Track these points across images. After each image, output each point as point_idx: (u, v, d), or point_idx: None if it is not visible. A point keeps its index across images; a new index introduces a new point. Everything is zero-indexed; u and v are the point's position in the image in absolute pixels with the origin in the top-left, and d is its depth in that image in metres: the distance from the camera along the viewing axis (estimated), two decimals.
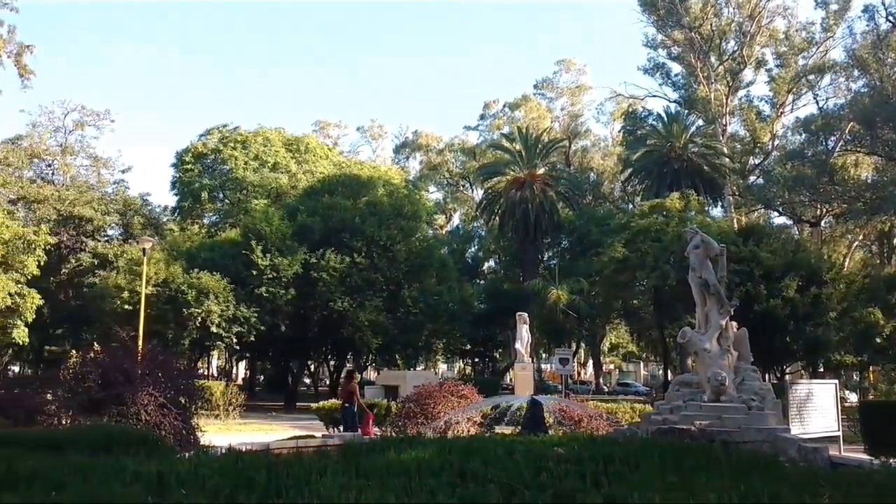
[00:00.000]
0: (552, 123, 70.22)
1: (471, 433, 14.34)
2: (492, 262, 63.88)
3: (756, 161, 56.40)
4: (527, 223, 47.49)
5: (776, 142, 55.73)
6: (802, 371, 39.07)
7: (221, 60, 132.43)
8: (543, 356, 55.45)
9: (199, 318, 32.66)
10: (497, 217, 51.69)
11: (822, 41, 53.53)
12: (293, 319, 37.27)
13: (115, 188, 48.34)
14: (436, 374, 40.82)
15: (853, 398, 35.64)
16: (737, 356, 10.42)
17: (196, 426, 14.75)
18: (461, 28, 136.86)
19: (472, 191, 72.45)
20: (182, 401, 14.51)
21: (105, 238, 44.27)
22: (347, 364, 46.06)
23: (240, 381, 57.64)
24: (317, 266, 36.00)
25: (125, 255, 35.98)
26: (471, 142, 73.79)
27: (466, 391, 18.27)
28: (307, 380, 57.91)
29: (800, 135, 49.95)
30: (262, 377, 60.11)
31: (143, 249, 28.44)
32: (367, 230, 37.89)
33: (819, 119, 45.59)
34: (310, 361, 50.90)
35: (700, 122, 53.23)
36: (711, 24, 53.70)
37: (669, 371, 43.30)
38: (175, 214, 48.88)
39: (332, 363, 49.51)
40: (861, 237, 50.81)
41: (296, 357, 45.52)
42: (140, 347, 20.70)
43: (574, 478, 5.89)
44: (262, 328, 35.07)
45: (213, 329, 33.07)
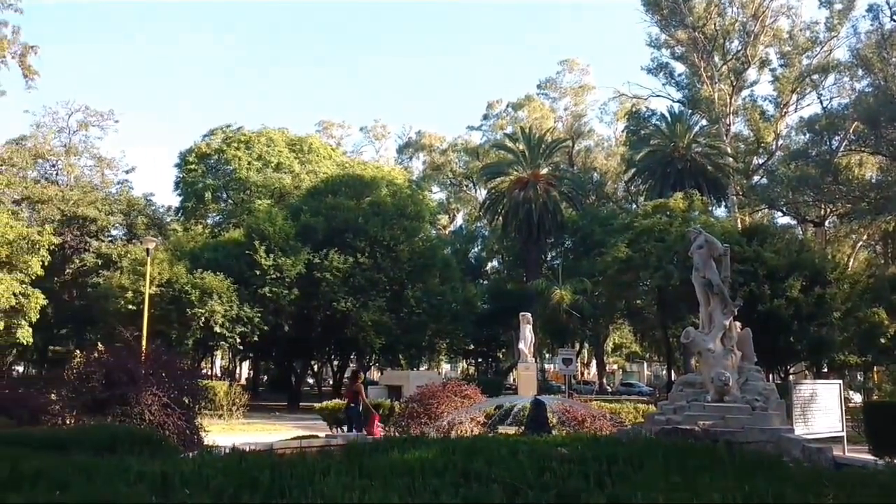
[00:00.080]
0: (555, 123, 70.22)
1: (474, 433, 14.32)
2: (495, 262, 63.89)
3: (760, 161, 56.29)
4: (530, 223, 47.50)
5: (780, 141, 55.62)
6: (806, 371, 38.99)
7: (224, 60, 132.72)
8: (547, 356, 55.41)
9: (203, 319, 32.69)
10: (500, 217, 51.70)
11: (827, 41, 53.42)
12: (296, 319, 37.29)
13: (119, 188, 48.51)
14: (439, 375, 40.91)
15: (857, 398, 35.56)
16: (740, 356, 10.41)
17: (200, 426, 14.74)
18: (464, 28, 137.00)
19: (476, 191, 72.45)
20: (186, 401, 14.52)
21: (109, 238, 44.36)
22: (351, 364, 46.09)
23: (243, 381, 57.60)
24: (320, 266, 36.02)
25: (129, 256, 36.03)
26: (474, 142, 73.85)
27: (470, 391, 18.24)
28: (310, 380, 57.88)
29: (804, 134, 49.79)
30: (266, 377, 60.17)
31: (147, 249, 28.48)
32: (371, 230, 37.92)
33: (823, 119, 45.48)
34: (313, 361, 50.93)
35: (704, 122, 53.20)
36: (715, 24, 53.61)
37: (673, 371, 43.21)
38: (179, 215, 48.94)
39: (336, 363, 49.57)
40: (865, 237, 50.68)
41: (299, 357, 45.56)
42: (144, 347, 20.69)
43: (578, 478, 5.89)
44: (266, 328, 35.09)
45: (217, 329, 33.10)
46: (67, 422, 13.92)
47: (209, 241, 38.94)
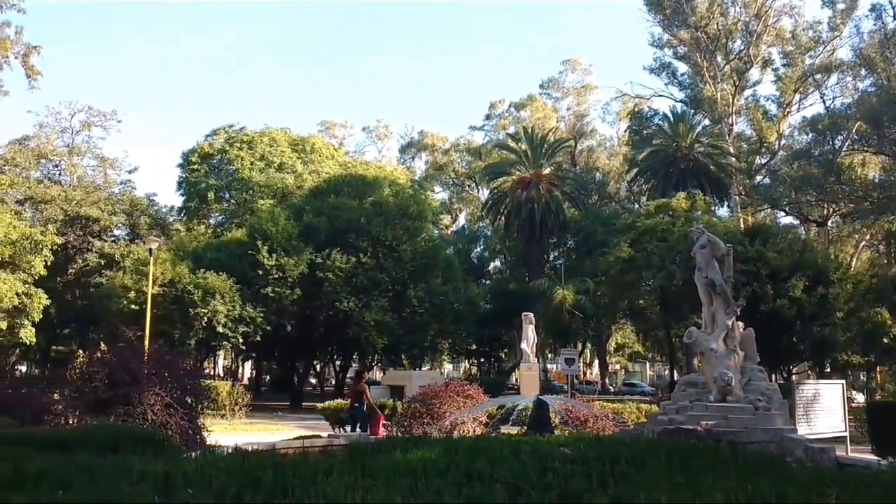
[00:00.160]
0: (558, 123, 70.20)
1: (476, 433, 14.32)
2: (497, 262, 63.88)
3: (762, 161, 56.17)
4: (532, 223, 47.50)
5: (783, 141, 55.48)
6: (809, 371, 38.92)
7: (227, 60, 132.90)
8: (549, 356, 55.41)
9: (206, 318, 32.73)
10: (503, 217, 51.71)
11: (829, 40, 53.28)
12: (299, 319, 37.32)
13: (122, 188, 48.66)
14: (441, 375, 40.88)
15: (860, 398, 35.49)
16: (743, 356, 10.39)
17: (202, 426, 14.76)
18: (467, 28, 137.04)
19: (478, 191, 72.47)
20: (188, 401, 14.53)
21: (112, 238, 44.45)
22: (354, 364, 46.09)
23: (246, 381, 57.70)
24: (322, 266, 36.04)
25: (132, 256, 36.12)
26: (476, 142, 73.85)
27: (472, 391, 18.25)
28: (313, 380, 57.93)
29: (806, 134, 49.62)
30: (268, 377, 60.24)
31: (150, 249, 28.51)
32: (373, 230, 37.94)
33: (826, 118, 45.33)
34: (315, 361, 50.96)
35: (706, 122, 53.10)
36: (718, 24, 53.54)
37: (675, 371, 43.19)
38: (181, 215, 49.00)
39: (338, 363, 49.59)
40: (868, 237, 50.54)
41: (301, 357, 45.60)
42: (146, 347, 20.71)
43: (580, 478, 5.89)
44: (268, 328, 35.12)
45: (220, 329, 33.14)
46: (70, 422, 13.93)
47: (212, 241, 38.97)
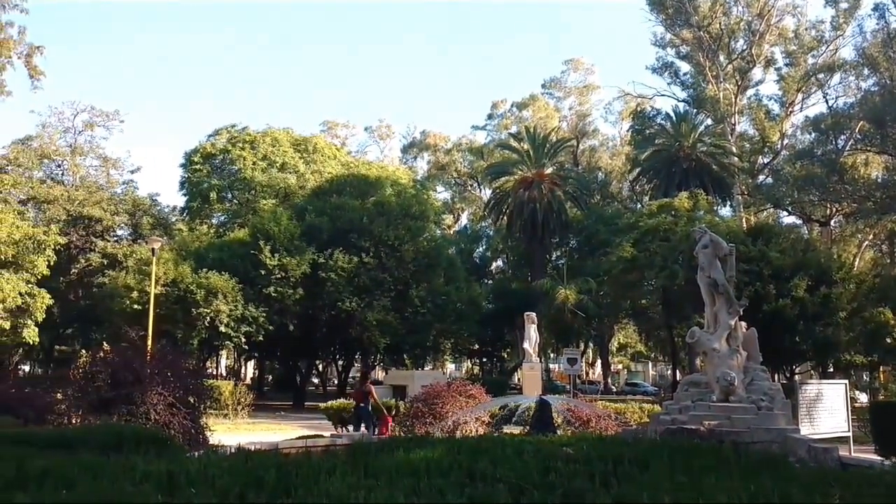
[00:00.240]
0: (560, 123, 70.14)
1: (479, 433, 14.33)
2: (500, 262, 63.86)
3: (765, 160, 56.12)
4: (535, 223, 47.46)
5: (785, 141, 55.43)
6: (812, 371, 38.87)
7: (229, 61, 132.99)
8: (551, 356, 55.38)
9: (208, 318, 32.77)
10: (505, 217, 51.67)
11: (832, 40, 53.21)
12: (301, 319, 37.33)
13: (125, 188, 48.73)
14: (444, 374, 40.85)
15: (863, 398, 35.46)
16: (746, 356, 10.38)
17: (205, 425, 14.81)
18: (469, 27, 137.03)
19: (480, 190, 72.44)
20: (191, 400, 14.57)
21: (114, 238, 44.52)
22: (356, 364, 46.13)
23: (248, 381, 57.81)
24: (325, 266, 36.05)
25: (134, 255, 36.17)
26: (478, 141, 73.82)
27: (474, 391, 18.27)
28: (315, 379, 58.00)
29: (809, 134, 49.60)
30: (271, 377, 60.30)
31: (153, 249, 28.53)
32: (375, 230, 37.94)
33: (829, 118, 45.31)
34: (318, 361, 51.01)
35: (709, 122, 53.01)
36: (720, 23, 53.46)
37: (678, 371, 43.19)
38: (184, 214, 49.05)
39: (341, 363, 49.61)
40: (871, 237, 50.50)
41: (304, 357, 45.63)
42: (149, 347, 20.79)
43: (583, 478, 5.89)
44: (271, 328, 35.14)
45: (222, 329, 33.17)
46: (73, 421, 13.97)
47: (214, 241, 39.00)
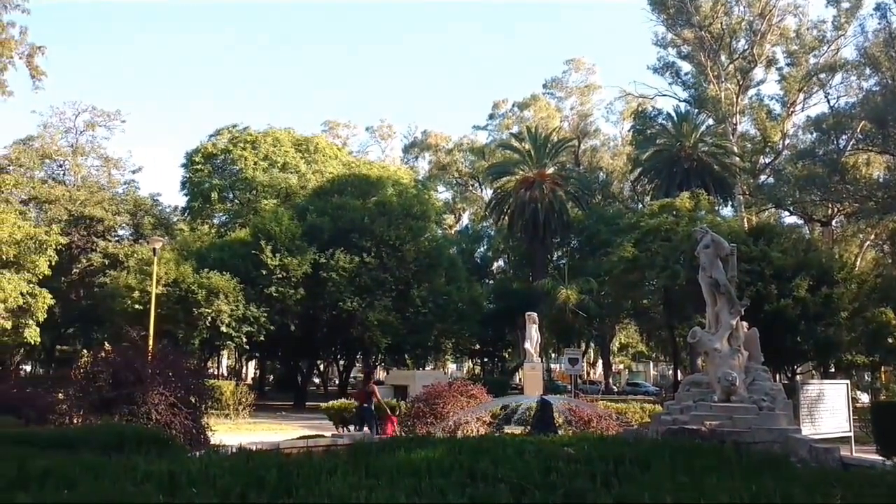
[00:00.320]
0: (561, 123, 70.12)
1: (480, 433, 14.33)
2: (501, 262, 63.87)
3: (767, 160, 56.09)
4: (536, 223, 47.45)
5: (787, 141, 55.41)
6: (813, 371, 38.84)
7: (230, 60, 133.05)
8: (553, 356, 55.33)
9: (209, 318, 32.78)
10: (506, 217, 51.66)
11: (834, 39, 53.19)
12: (302, 319, 37.34)
13: (126, 188, 48.70)
14: (445, 374, 40.89)
15: (865, 398, 35.45)
16: (747, 356, 10.37)
17: (206, 425, 14.81)
18: (470, 27, 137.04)
19: (482, 190, 72.44)
20: (192, 400, 14.58)
21: (116, 238, 44.54)
22: (357, 363, 46.13)
23: (249, 381, 57.85)
24: (326, 266, 36.06)
25: (136, 255, 36.17)
26: (480, 141, 73.80)
27: (476, 391, 18.28)
28: (316, 379, 58.03)
29: (811, 134, 49.60)
30: (272, 377, 60.30)
31: (154, 249, 28.55)
32: (377, 230, 37.93)
33: (830, 118, 45.28)
34: (319, 361, 51.03)
35: (710, 122, 52.97)
36: (721, 23, 53.42)
37: (679, 371, 43.18)
38: (185, 214, 49.06)
39: (342, 363, 49.62)
40: (873, 236, 50.43)
41: (305, 357, 45.64)
42: (150, 347, 20.82)
43: (584, 478, 5.89)
44: (272, 328, 35.15)
45: (223, 329, 33.19)
46: (75, 421, 13.99)
47: (215, 241, 39.01)
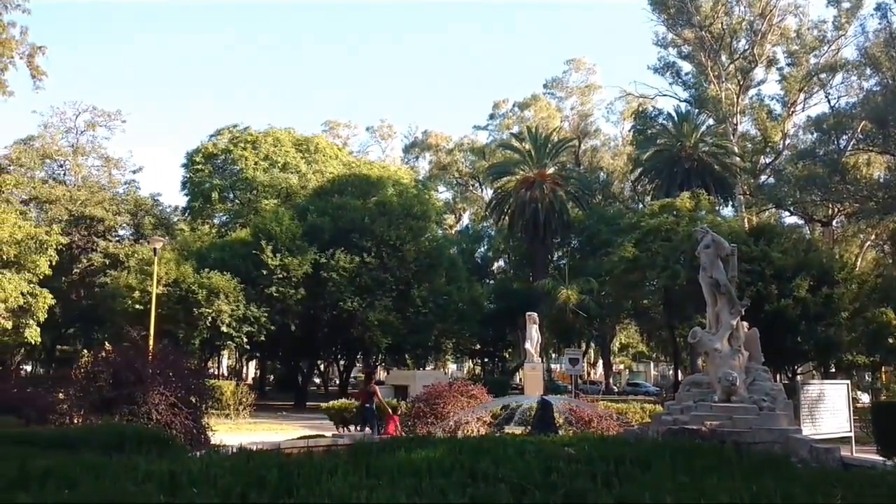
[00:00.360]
0: (562, 123, 70.11)
1: (481, 433, 14.34)
2: (501, 262, 63.87)
3: (767, 160, 56.09)
4: (536, 223, 47.43)
5: (787, 141, 55.42)
6: (814, 371, 38.84)
7: (231, 60, 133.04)
8: (553, 356, 55.31)
9: (210, 318, 32.79)
10: (506, 217, 51.65)
11: (834, 39, 53.19)
12: (303, 319, 37.35)
13: (126, 188, 48.72)
14: (445, 374, 40.91)
15: (865, 399, 35.44)
16: (748, 356, 10.37)
17: (207, 425, 14.82)
18: (470, 27, 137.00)
19: (482, 190, 72.44)
20: (193, 400, 14.58)
21: (116, 238, 44.57)
22: (358, 363, 46.12)
23: (250, 381, 57.85)
24: (326, 266, 36.07)
25: (136, 255, 36.18)
26: (480, 141, 73.79)
27: (476, 391, 18.29)
28: (317, 379, 58.02)
29: (811, 134, 49.62)
30: (272, 377, 60.29)
31: (154, 249, 28.58)
32: (377, 230, 37.94)
33: (831, 118, 45.29)
34: (319, 361, 51.02)
35: (710, 122, 52.96)
36: (722, 23, 53.41)
37: (680, 371, 43.17)
38: (185, 214, 49.07)
39: (342, 363, 49.63)
40: (873, 237, 50.43)
41: (306, 357, 45.65)
42: (151, 347, 20.81)
43: (585, 478, 5.89)
44: (273, 328, 35.17)
45: (224, 329, 33.20)
46: (75, 421, 13.99)
47: (216, 241, 39.02)
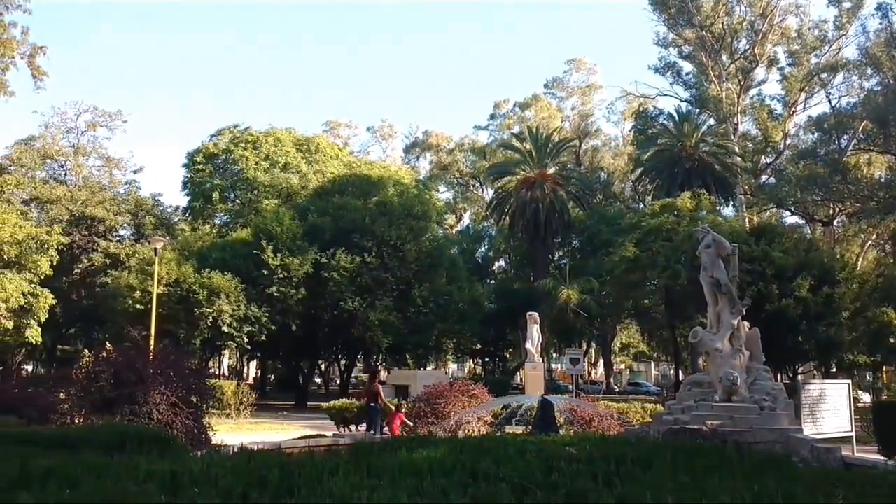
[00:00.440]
0: (562, 123, 70.09)
1: (481, 433, 14.33)
2: (502, 262, 63.85)
3: (768, 160, 56.08)
4: (537, 223, 47.42)
5: (788, 141, 55.42)
6: (815, 371, 38.83)
7: (232, 61, 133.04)
8: (554, 356, 55.33)
9: (211, 318, 32.79)
10: (507, 217, 51.64)
11: (835, 39, 53.18)
12: (304, 319, 37.34)
13: (127, 188, 48.73)
14: (446, 374, 40.89)
15: (866, 398, 35.45)
16: (749, 356, 10.36)
17: (208, 425, 14.82)
18: (471, 27, 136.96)
19: (483, 190, 72.42)
20: (194, 400, 14.58)
21: (117, 238, 44.58)
22: (358, 363, 46.10)
23: (251, 381, 57.80)
24: (327, 266, 36.06)
25: (137, 255, 36.18)
26: (481, 141, 73.80)
27: (477, 391, 18.29)
28: (318, 379, 58.00)
29: (812, 133, 49.61)
30: (273, 377, 60.29)
31: (155, 249, 28.56)
32: (378, 230, 37.93)
33: (832, 118, 45.29)
34: (320, 361, 51.01)
35: (711, 122, 52.98)
36: (723, 23, 53.40)
37: (681, 371, 43.14)
38: (186, 214, 49.07)
39: (343, 363, 49.63)
40: (874, 236, 50.41)
41: (306, 356, 45.64)
42: (152, 347, 20.81)
43: (586, 478, 5.89)
44: (273, 328, 35.15)
45: (225, 329, 33.20)
46: (76, 421, 14.00)
47: (217, 241, 39.01)
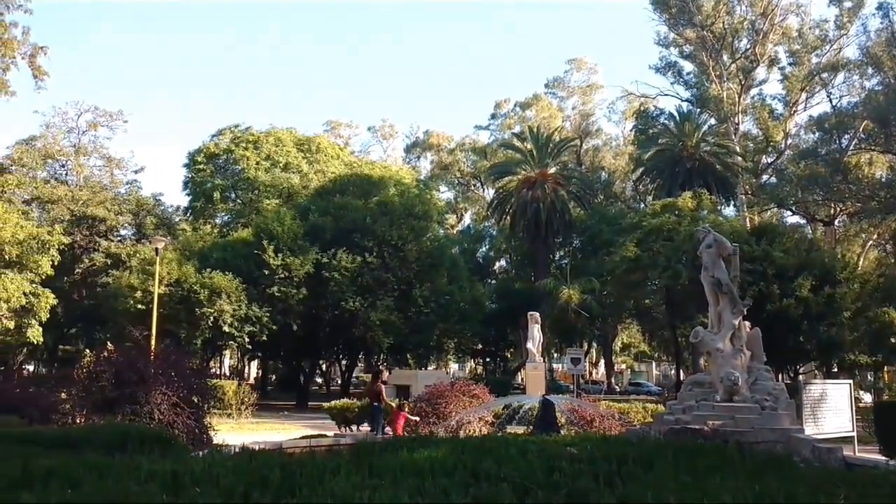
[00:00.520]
0: (563, 122, 70.09)
1: (483, 433, 14.35)
2: (503, 262, 63.86)
3: (769, 160, 56.06)
4: (538, 223, 47.42)
5: (789, 140, 55.40)
6: (816, 371, 38.82)
7: (232, 60, 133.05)
8: (555, 356, 55.33)
9: (212, 318, 32.79)
10: (508, 216, 51.65)
11: (836, 39, 53.16)
12: (305, 319, 37.34)
13: (128, 188, 48.76)
14: (447, 374, 40.90)
15: (867, 398, 35.44)
16: (750, 356, 10.36)
17: (209, 425, 14.82)
18: (472, 27, 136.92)
19: (483, 190, 72.42)
20: (195, 400, 14.59)
21: (118, 238, 44.60)
22: (359, 363, 46.07)
23: (252, 381, 57.85)
24: (328, 266, 36.06)
25: (138, 255, 36.19)
26: (482, 141, 73.80)
27: (478, 391, 18.29)
28: (319, 379, 58.01)
29: (813, 133, 49.62)
30: (274, 376, 60.31)
31: (156, 249, 28.55)
32: (379, 230, 37.92)
33: (833, 117, 45.28)
34: (321, 361, 51.01)
35: (712, 121, 52.98)
36: (724, 23, 53.36)
37: (682, 371, 43.10)
38: (187, 214, 49.07)
39: (344, 363, 49.63)
40: (875, 236, 50.41)
41: (307, 356, 45.63)
42: (153, 347, 20.82)
43: (587, 478, 5.89)
44: (274, 328, 35.15)
45: (226, 328, 33.20)
46: (78, 421, 14.01)
47: (218, 241, 39.01)
